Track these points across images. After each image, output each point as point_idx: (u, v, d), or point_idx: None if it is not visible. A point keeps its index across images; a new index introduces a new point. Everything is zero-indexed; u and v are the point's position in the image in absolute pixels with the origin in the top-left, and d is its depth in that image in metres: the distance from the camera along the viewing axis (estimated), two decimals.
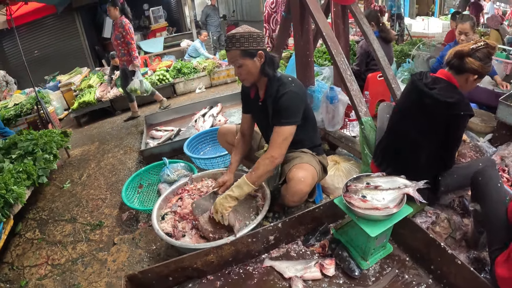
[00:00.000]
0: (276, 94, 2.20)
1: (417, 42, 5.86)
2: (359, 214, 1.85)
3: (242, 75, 2.20)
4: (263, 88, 2.31)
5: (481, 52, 1.94)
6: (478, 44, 1.95)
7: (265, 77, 2.25)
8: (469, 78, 1.99)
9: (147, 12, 11.84)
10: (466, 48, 1.96)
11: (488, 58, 1.96)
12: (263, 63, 2.18)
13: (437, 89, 1.97)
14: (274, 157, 2.15)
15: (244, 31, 2.09)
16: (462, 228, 2.20)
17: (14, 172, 3.21)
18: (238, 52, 2.10)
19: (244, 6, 13.03)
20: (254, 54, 2.12)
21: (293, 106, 2.17)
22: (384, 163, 2.31)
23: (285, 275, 1.99)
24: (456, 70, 2.00)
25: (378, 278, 1.94)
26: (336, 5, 3.54)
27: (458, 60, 1.98)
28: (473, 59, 1.93)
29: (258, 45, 2.11)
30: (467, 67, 1.95)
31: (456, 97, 1.92)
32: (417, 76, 2.12)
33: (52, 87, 7.62)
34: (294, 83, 2.23)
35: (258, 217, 2.24)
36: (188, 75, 7.02)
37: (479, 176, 1.92)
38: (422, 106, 2.02)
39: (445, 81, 2.01)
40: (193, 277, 2.05)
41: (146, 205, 3.14)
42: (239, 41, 2.07)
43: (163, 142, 4.28)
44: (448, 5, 12.36)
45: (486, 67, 1.96)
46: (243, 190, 2.17)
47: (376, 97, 3.81)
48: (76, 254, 2.80)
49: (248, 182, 2.16)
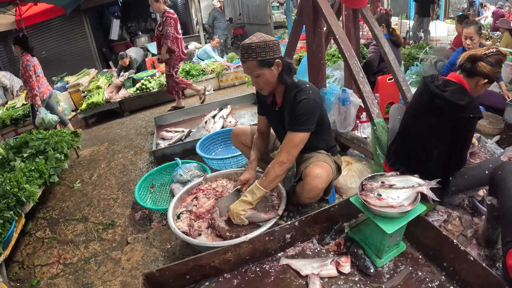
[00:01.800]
0: (293, 100, 2.20)
1: (424, 45, 5.88)
2: (375, 211, 1.88)
3: (260, 84, 2.20)
4: (281, 96, 2.31)
5: (493, 58, 2.02)
6: (490, 50, 2.04)
7: (282, 85, 2.25)
8: (479, 82, 2.05)
9: (154, 15, 11.93)
10: (479, 52, 2.04)
11: (499, 64, 2.04)
12: (281, 71, 2.18)
13: (449, 91, 2.02)
14: (283, 161, 2.17)
15: (259, 40, 2.07)
16: (473, 226, 2.23)
17: (26, 170, 3.24)
18: (255, 63, 2.09)
19: (251, 9, 13.06)
20: (272, 63, 2.12)
21: (310, 113, 2.17)
22: (397, 163, 2.35)
23: (301, 273, 2.01)
24: (467, 73, 2.07)
25: (392, 275, 1.96)
26: (348, 9, 3.58)
27: (470, 64, 2.05)
28: (485, 63, 2.01)
29: (274, 53, 2.11)
30: (479, 71, 2.02)
31: (466, 99, 1.97)
32: (429, 79, 2.17)
33: (60, 88, 7.67)
34: (312, 89, 2.24)
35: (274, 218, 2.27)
36: (197, 77, 7.07)
37: (499, 170, 1.97)
38: (433, 107, 2.07)
39: (456, 84, 2.06)
40: (210, 276, 2.07)
41: (159, 205, 3.16)
42: (255, 51, 2.06)
43: (174, 143, 4.32)
44: (453, 9, 12.38)
45: (496, 73, 2.04)
46: (256, 195, 2.22)
47: (386, 99, 3.84)
48: (88, 253, 2.81)
49: (260, 187, 2.21)
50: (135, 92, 6.64)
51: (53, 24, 9.46)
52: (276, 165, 2.18)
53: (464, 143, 2.12)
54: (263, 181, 2.21)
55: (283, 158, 2.17)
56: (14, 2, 5.63)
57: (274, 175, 2.19)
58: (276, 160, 2.19)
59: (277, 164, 2.18)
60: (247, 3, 13.29)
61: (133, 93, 6.62)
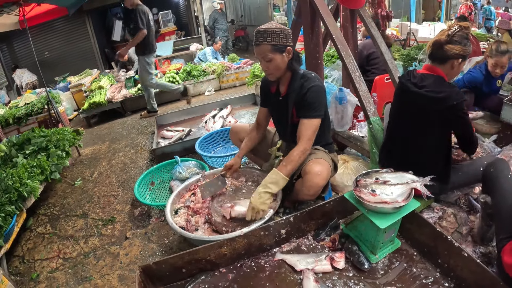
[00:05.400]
0: (300, 89, 2.27)
1: (423, 46, 5.91)
2: (369, 207, 1.90)
3: (270, 69, 2.26)
4: (286, 84, 2.38)
5: (458, 36, 1.99)
6: (452, 30, 2.00)
7: (289, 72, 2.32)
8: (454, 63, 2.03)
9: (156, 16, 11.98)
10: (443, 36, 2.01)
11: (465, 39, 2.00)
12: (291, 59, 2.25)
13: (427, 86, 2.02)
14: (306, 149, 2.22)
15: (275, 26, 2.17)
16: (468, 224, 2.25)
17: (28, 166, 3.29)
18: (269, 47, 2.16)
19: (253, 11, 13.14)
20: (283, 50, 2.20)
21: (321, 99, 2.25)
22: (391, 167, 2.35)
23: (296, 268, 2.03)
24: (439, 61, 2.06)
25: (386, 271, 1.98)
26: (345, 9, 3.62)
27: (438, 50, 2.03)
28: (453, 45, 1.99)
29: (287, 41, 2.20)
30: (449, 54, 2.00)
31: (445, 90, 1.98)
32: (405, 77, 2.17)
33: (62, 88, 7.74)
34: (318, 78, 2.31)
35: (271, 210, 2.30)
36: (198, 78, 7.13)
37: (491, 167, 1.98)
38: (416, 107, 2.08)
39: (432, 76, 2.06)
40: (206, 270, 2.09)
41: (158, 202, 3.20)
42: (271, 36, 2.14)
43: (174, 141, 4.36)
44: (454, 10, 12.41)
45: (467, 48, 2.00)
46: (280, 185, 2.23)
47: (384, 99, 3.85)
48: (88, 248, 2.85)
49: (284, 176, 2.21)
50: (136, 92, 6.69)
51: (56, 25, 9.52)
52: (300, 153, 2.21)
53: (466, 129, 2.10)
54: (287, 169, 2.21)
55: (306, 145, 2.22)
56: (18, 3, 5.67)
57: (298, 162, 2.23)
58: (300, 148, 2.22)
59: (300, 152, 2.21)
60: (249, 5, 13.37)
61: (134, 93, 6.67)
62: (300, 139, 2.24)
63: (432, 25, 9.16)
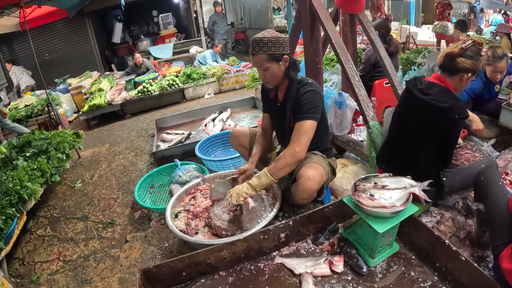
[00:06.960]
0: (296, 94, 2.28)
1: (422, 50, 5.94)
2: (367, 211, 1.92)
3: (267, 77, 2.28)
4: (283, 91, 2.39)
5: (471, 51, 2.00)
6: (466, 44, 2.01)
7: (287, 80, 2.34)
8: (463, 77, 2.05)
9: (156, 19, 12.03)
10: (456, 49, 2.03)
11: (478, 55, 2.02)
12: (288, 67, 2.27)
13: (432, 95, 2.03)
14: (295, 150, 2.19)
15: (271, 36, 2.17)
16: (466, 228, 2.26)
17: (29, 169, 3.31)
18: (265, 56, 2.18)
19: (252, 13, 13.16)
20: (280, 59, 2.21)
21: (314, 102, 2.24)
22: (389, 169, 2.36)
23: (295, 271, 2.05)
24: (449, 72, 2.07)
25: (385, 275, 1.99)
26: (345, 14, 3.64)
27: (450, 62, 2.05)
28: (465, 58, 2.00)
29: (284, 49, 2.21)
30: (460, 67, 2.01)
31: (450, 101, 1.99)
32: (412, 82, 2.18)
33: (62, 89, 7.76)
34: (315, 84, 2.33)
35: (270, 214, 2.32)
36: (198, 81, 7.15)
37: (481, 176, 1.99)
38: (419, 112, 2.10)
39: (439, 86, 2.08)
40: (206, 273, 2.10)
41: (158, 205, 3.22)
42: (267, 45, 2.15)
43: (174, 145, 4.38)
44: (454, 14, 12.43)
45: (478, 63, 2.02)
46: (261, 180, 2.22)
47: (383, 103, 3.88)
48: (88, 251, 2.86)
49: (267, 173, 2.21)
50: (136, 94, 6.71)
51: (56, 27, 9.56)
52: (288, 154, 2.20)
53: (452, 142, 2.14)
54: (272, 168, 2.22)
55: (294, 147, 2.19)
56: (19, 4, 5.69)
57: (283, 163, 2.20)
58: (288, 150, 2.21)
59: (288, 153, 2.20)
60: (249, 8, 13.39)
61: (134, 95, 6.69)
62: (291, 142, 2.24)
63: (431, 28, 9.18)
